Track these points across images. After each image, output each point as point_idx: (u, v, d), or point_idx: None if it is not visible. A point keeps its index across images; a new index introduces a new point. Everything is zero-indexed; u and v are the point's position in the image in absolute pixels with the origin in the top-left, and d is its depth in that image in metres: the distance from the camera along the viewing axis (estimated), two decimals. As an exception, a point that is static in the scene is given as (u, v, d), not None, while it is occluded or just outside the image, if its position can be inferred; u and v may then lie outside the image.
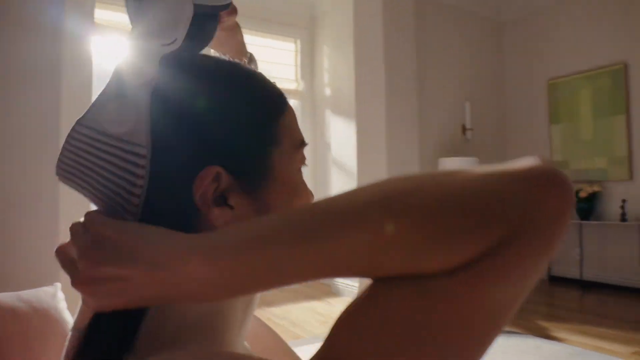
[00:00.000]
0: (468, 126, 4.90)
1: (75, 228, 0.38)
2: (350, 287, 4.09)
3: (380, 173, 4.05)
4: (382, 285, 0.31)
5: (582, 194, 4.38)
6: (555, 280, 4.77)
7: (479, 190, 0.29)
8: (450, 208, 0.28)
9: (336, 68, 4.52)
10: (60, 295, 1.60)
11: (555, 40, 4.91)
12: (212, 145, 0.41)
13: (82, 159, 0.41)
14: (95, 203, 0.43)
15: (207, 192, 0.40)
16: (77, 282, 0.35)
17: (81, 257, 0.35)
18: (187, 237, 0.34)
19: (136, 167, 0.39)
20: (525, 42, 5.20)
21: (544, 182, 0.29)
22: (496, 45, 5.40)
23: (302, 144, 0.48)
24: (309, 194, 0.49)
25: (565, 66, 4.79)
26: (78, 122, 0.42)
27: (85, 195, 0.43)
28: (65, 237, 0.38)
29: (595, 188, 4.36)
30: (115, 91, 0.41)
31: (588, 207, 4.41)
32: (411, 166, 4.22)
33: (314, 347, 0.33)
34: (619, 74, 4.33)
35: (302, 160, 0.48)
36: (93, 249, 0.35)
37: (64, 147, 0.42)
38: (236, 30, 0.70)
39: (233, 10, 0.63)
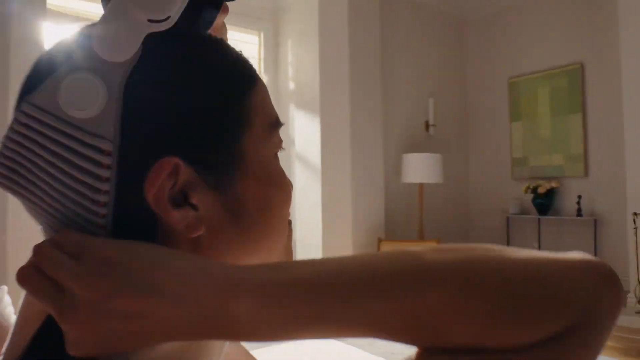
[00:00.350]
0: (431, 122, 4.94)
1: (47, 251, 0.30)
2: (315, 284, 4.05)
3: (344, 169, 4.03)
4: (436, 357, 0.28)
5: (541, 190, 4.50)
6: (514, 275, 4.88)
7: (549, 275, 0.29)
8: (528, 288, 0.28)
9: (300, 62, 4.45)
10: (7, 299, 1.48)
11: (515, 39, 5.01)
12: (167, 133, 0.33)
13: (30, 154, 0.32)
14: (45, 217, 0.34)
15: (163, 191, 0.33)
16: (77, 318, 0.28)
17: (82, 288, 0.28)
18: (226, 268, 0.29)
19: (98, 168, 0.31)
20: (487, 40, 5.29)
21: (603, 278, 0.29)
22: (459, 43, 5.47)
23: (278, 123, 0.40)
24: (288, 184, 0.41)
25: (525, 65, 4.90)
26: (26, 101, 0.32)
27: (31, 205, 0.34)
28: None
29: (554, 184, 4.49)
30: (80, 63, 0.32)
31: (546, 202, 4.53)
32: (375, 162, 4.22)
33: (277, 347, 0.29)
34: (576, 73, 4.46)
35: (279, 143, 0.41)
36: (99, 277, 0.28)
37: (5, 138, 0.33)
38: (223, 31, 0.63)
39: (225, 9, 0.56)
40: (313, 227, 4.05)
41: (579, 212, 4.32)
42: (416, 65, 4.96)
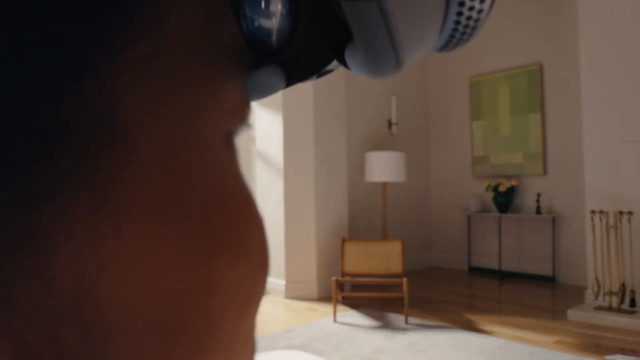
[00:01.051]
0: (394, 121, 4.92)
1: None
2: (278, 286, 3.95)
3: (307, 167, 3.93)
4: None
5: (502, 188, 4.55)
6: (475, 271, 4.93)
7: None
8: None
9: (262, 58, 4.33)
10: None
11: (476, 39, 5.05)
12: None
13: None
14: None
15: None
16: None
17: None
18: None
19: None
20: (448, 39, 5.32)
21: None
22: (420, 42, 5.47)
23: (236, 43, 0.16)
24: (258, 221, 0.17)
25: (485, 65, 4.95)
26: None
27: None
28: None
29: (514, 182, 4.55)
30: None
31: (506, 200, 4.59)
32: (339, 160, 4.15)
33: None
34: (535, 74, 4.53)
35: (237, 109, 0.16)
36: None
37: None
38: None
39: None
40: (275, 228, 3.94)
41: (538, 210, 4.40)
42: (379, 63, 4.92)
